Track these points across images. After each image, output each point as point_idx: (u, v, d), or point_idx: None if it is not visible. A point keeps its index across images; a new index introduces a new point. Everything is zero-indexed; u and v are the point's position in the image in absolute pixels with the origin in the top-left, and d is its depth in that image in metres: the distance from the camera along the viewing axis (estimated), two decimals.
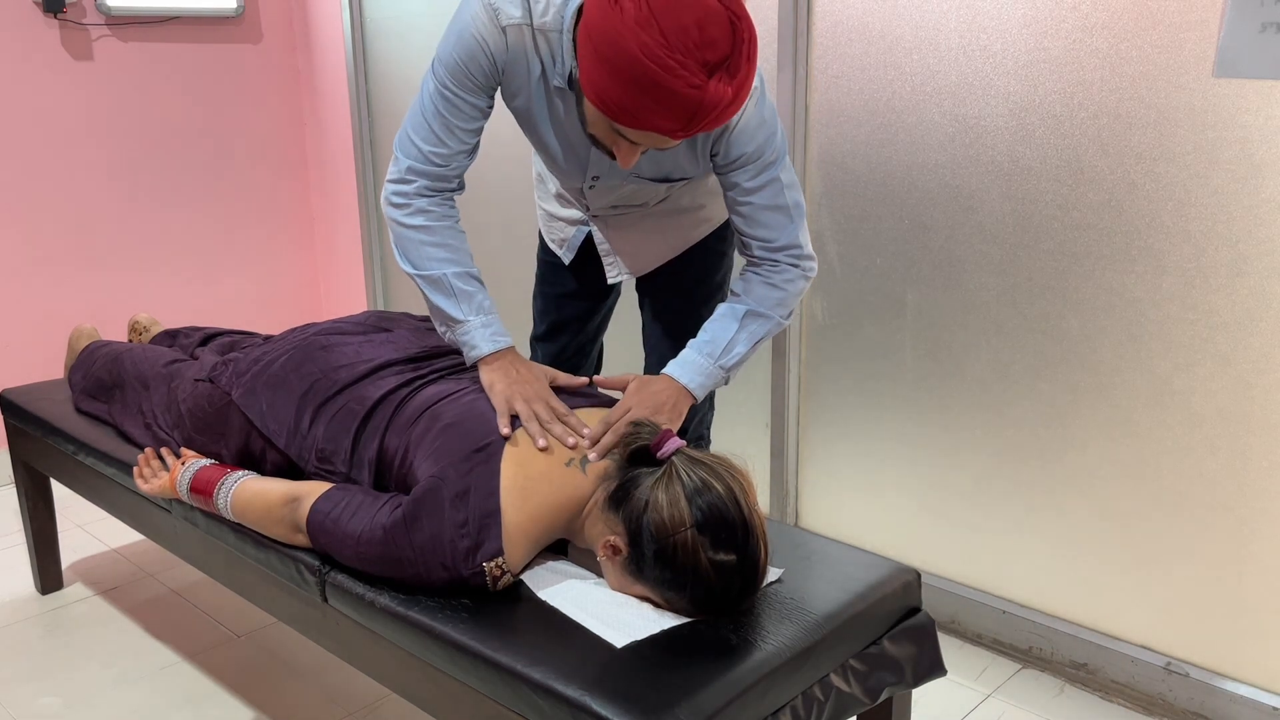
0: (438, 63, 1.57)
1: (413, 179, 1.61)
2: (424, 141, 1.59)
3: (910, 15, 2.05)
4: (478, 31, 1.52)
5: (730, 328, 1.64)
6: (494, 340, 1.61)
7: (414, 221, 1.61)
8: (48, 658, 2.21)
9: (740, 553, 1.31)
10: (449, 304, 1.61)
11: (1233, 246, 1.75)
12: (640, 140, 1.43)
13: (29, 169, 3.08)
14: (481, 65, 1.54)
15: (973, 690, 2.04)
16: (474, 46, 1.53)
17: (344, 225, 3.66)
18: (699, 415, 1.99)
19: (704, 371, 1.62)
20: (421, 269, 1.62)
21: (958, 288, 2.10)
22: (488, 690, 1.30)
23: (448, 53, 1.55)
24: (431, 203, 1.62)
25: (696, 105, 1.32)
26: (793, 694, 1.29)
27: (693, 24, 1.30)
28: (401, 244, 1.63)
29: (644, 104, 1.33)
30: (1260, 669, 1.85)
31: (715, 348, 1.64)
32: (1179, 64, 1.75)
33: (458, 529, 1.37)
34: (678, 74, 1.30)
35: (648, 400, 1.56)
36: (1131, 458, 1.93)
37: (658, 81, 1.30)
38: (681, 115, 1.34)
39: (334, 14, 3.42)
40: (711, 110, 1.34)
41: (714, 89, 1.32)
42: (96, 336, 2.33)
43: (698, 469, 1.34)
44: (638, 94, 1.32)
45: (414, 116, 1.60)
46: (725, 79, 1.33)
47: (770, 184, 1.61)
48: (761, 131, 1.58)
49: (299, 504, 1.52)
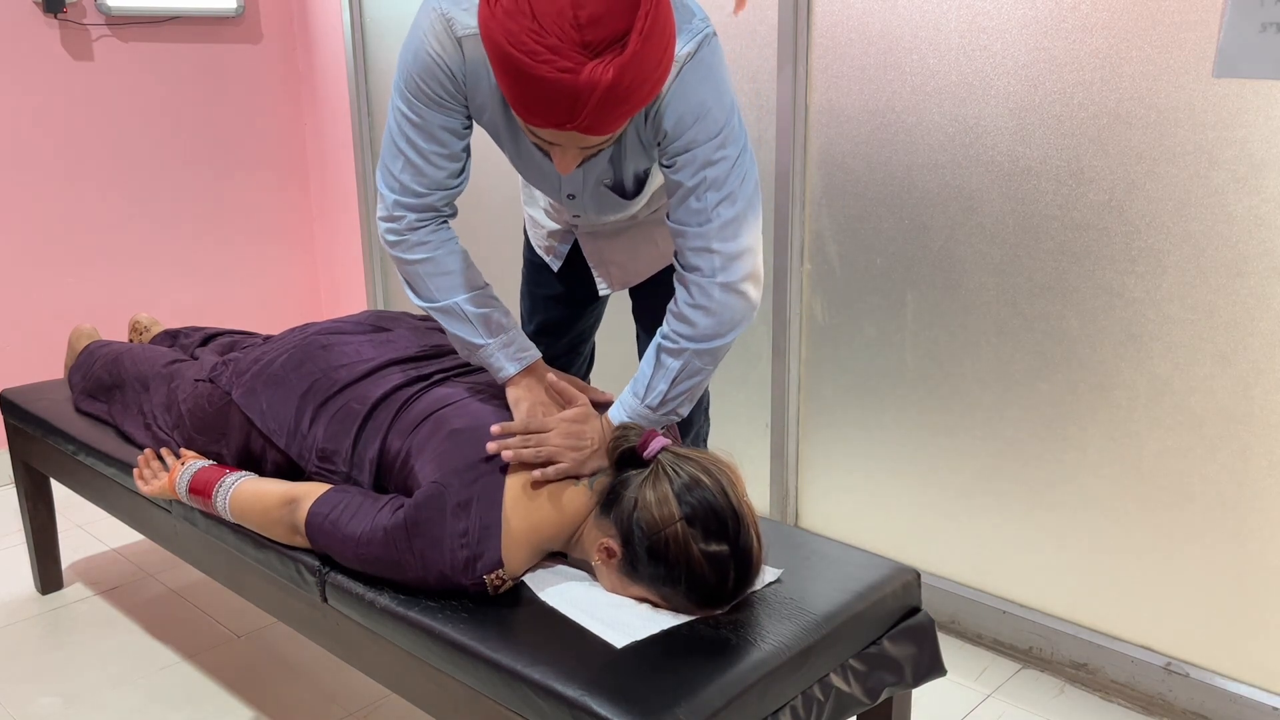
0: (399, 84, 1.46)
1: (401, 214, 1.52)
2: (402, 172, 1.50)
3: (910, 15, 2.05)
4: (432, 47, 1.41)
5: (650, 361, 1.52)
6: (517, 359, 1.56)
7: (415, 256, 1.54)
8: (48, 658, 2.21)
9: (732, 543, 1.31)
10: (466, 330, 1.56)
11: (1233, 246, 1.75)
12: (555, 139, 1.30)
13: (29, 169, 3.08)
14: (441, 81, 1.43)
15: (973, 690, 2.04)
16: (429, 62, 1.42)
17: (344, 225, 3.66)
18: (694, 430, 1.93)
19: (633, 412, 1.52)
20: (433, 301, 1.56)
21: (958, 288, 2.10)
22: (488, 690, 1.30)
23: (405, 72, 1.44)
24: (426, 232, 1.54)
25: (573, 91, 1.19)
26: (793, 694, 1.29)
27: (568, 3, 1.17)
28: (409, 280, 1.57)
29: (525, 96, 1.23)
30: (1260, 669, 1.85)
31: (639, 385, 1.53)
32: (1179, 64, 1.75)
33: (458, 538, 1.37)
34: (544, 58, 1.18)
35: (573, 435, 1.45)
36: (1131, 458, 1.93)
37: (525, 70, 1.19)
38: (560, 104, 1.21)
39: (334, 14, 3.42)
40: (591, 94, 1.20)
41: (591, 71, 1.18)
42: (96, 336, 2.33)
43: (685, 465, 1.34)
44: (517, 87, 1.22)
45: (388, 147, 1.50)
46: (611, 58, 1.19)
47: (701, 183, 1.42)
48: (691, 112, 1.39)
49: (297, 506, 1.52)
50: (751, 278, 1.48)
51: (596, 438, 1.47)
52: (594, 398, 1.58)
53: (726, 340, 1.49)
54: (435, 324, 1.89)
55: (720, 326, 1.48)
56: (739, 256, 1.45)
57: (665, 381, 1.50)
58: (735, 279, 1.46)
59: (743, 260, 1.46)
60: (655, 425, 1.52)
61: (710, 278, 1.45)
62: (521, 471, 1.42)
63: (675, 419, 1.55)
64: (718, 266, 1.45)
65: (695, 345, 1.48)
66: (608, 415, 1.52)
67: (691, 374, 1.50)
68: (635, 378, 1.53)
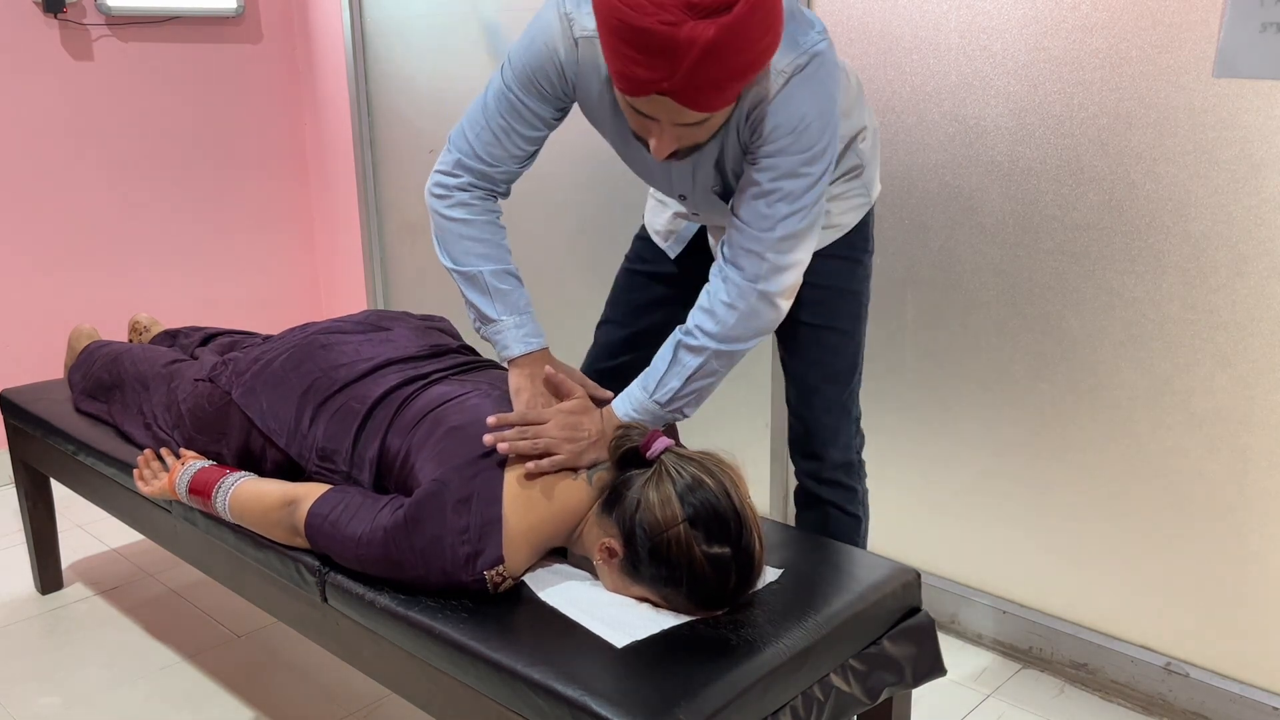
0: (507, 63, 1.49)
1: (459, 174, 1.54)
2: (477, 139, 1.53)
3: (910, 15, 2.05)
4: (549, 40, 1.44)
5: (666, 356, 1.50)
6: (526, 341, 1.55)
7: (455, 214, 1.55)
8: (48, 658, 2.21)
9: (734, 545, 1.31)
10: (484, 301, 1.56)
11: (1233, 246, 1.75)
12: (651, 110, 1.29)
13: (29, 169, 3.08)
14: (549, 75, 1.46)
15: (973, 690, 2.04)
16: (543, 55, 1.45)
17: (344, 225, 3.66)
18: (841, 440, 1.81)
19: (639, 405, 1.50)
20: (459, 264, 1.56)
21: (958, 288, 2.10)
22: (488, 690, 1.30)
23: (518, 56, 1.48)
24: (474, 196, 1.55)
25: (672, 44, 1.18)
26: (793, 694, 1.29)
27: None
28: (441, 236, 1.57)
29: (627, 55, 1.22)
30: (1260, 669, 1.85)
31: (650, 379, 1.50)
32: (1179, 64, 1.75)
33: (459, 535, 1.37)
34: (648, 11, 1.18)
35: (570, 426, 1.45)
36: (1131, 458, 1.93)
37: (628, 22, 1.19)
38: (660, 58, 1.20)
39: (334, 14, 3.42)
40: (690, 49, 1.18)
41: (693, 28, 1.17)
42: (96, 336, 2.33)
43: (688, 465, 1.34)
44: (620, 45, 1.22)
45: (473, 112, 1.53)
46: (716, 19, 1.18)
47: (777, 190, 1.41)
48: (791, 123, 1.38)
49: (295, 507, 1.52)
50: (789, 291, 1.48)
51: (594, 430, 1.46)
52: (592, 393, 1.57)
53: (749, 345, 1.49)
54: (435, 324, 1.88)
55: (746, 331, 1.47)
56: (786, 270, 1.45)
57: (679, 379, 1.48)
58: (775, 290, 1.45)
59: (788, 274, 1.45)
60: (658, 422, 1.52)
61: (753, 282, 1.44)
62: (520, 466, 1.42)
63: (680, 418, 1.54)
64: (763, 274, 1.44)
65: (717, 345, 1.46)
66: (611, 407, 1.52)
67: (707, 374, 1.49)
68: (647, 371, 1.51)
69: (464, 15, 3.00)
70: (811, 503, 1.80)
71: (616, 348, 1.90)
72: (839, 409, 1.73)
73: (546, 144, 1.61)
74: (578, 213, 2.85)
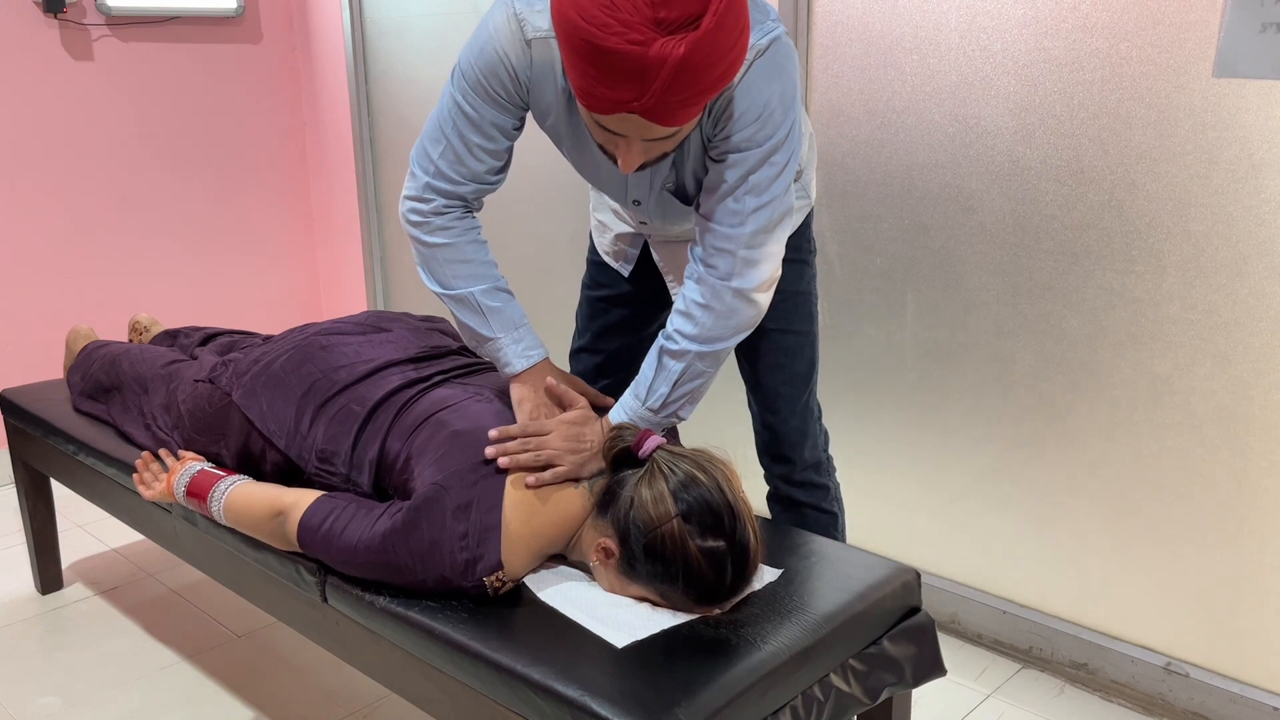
0: (457, 73, 1.44)
1: (431, 197, 1.50)
2: (440, 158, 1.48)
3: (910, 15, 2.05)
4: (500, 45, 1.40)
5: (652, 362, 1.50)
6: (526, 355, 1.54)
7: (435, 239, 1.52)
8: (48, 658, 2.21)
9: (729, 538, 1.31)
10: (478, 321, 1.54)
11: (1233, 246, 1.75)
12: (619, 128, 1.26)
13: (28, 168, 3.08)
14: (503, 80, 1.42)
15: (973, 690, 2.04)
16: (495, 60, 1.40)
17: (344, 225, 3.66)
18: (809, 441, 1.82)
19: (634, 414, 1.50)
20: (448, 288, 1.53)
21: (958, 288, 2.10)
22: (488, 690, 1.30)
23: (468, 63, 1.43)
24: (451, 218, 1.52)
25: (642, 65, 1.16)
26: (793, 694, 1.29)
27: None
28: (425, 264, 1.55)
29: (593, 74, 1.19)
30: (1260, 669, 1.85)
31: (641, 386, 1.50)
32: (1179, 64, 1.75)
33: (458, 540, 1.37)
34: (615, 30, 1.15)
35: (573, 438, 1.45)
36: (1131, 458, 1.93)
37: (594, 43, 1.16)
38: (629, 79, 1.17)
39: (334, 14, 3.42)
40: (660, 69, 1.16)
41: (662, 46, 1.15)
42: (93, 337, 2.33)
43: (680, 463, 1.35)
44: (586, 65, 1.19)
45: (431, 129, 1.49)
46: (684, 36, 1.15)
47: (744, 185, 1.39)
48: (754, 110, 1.36)
49: (286, 518, 1.51)
50: (765, 285, 1.47)
51: (597, 440, 1.46)
52: (595, 401, 1.57)
53: (730, 343, 1.49)
54: (435, 325, 1.88)
55: (725, 329, 1.46)
56: (759, 264, 1.44)
57: (667, 384, 1.48)
58: (749, 286, 1.44)
59: (761, 268, 1.44)
60: (656, 427, 1.52)
61: (725, 280, 1.43)
62: (521, 474, 1.42)
63: (676, 421, 1.54)
64: (735, 270, 1.43)
65: (698, 347, 1.46)
66: (608, 417, 1.52)
67: (693, 376, 1.49)
68: (636, 380, 1.52)
69: (464, 15, 2.99)
70: (787, 505, 1.82)
71: (591, 376, 1.92)
72: (804, 410, 1.75)
73: (541, 145, 1.60)
74: (573, 213, 2.85)
